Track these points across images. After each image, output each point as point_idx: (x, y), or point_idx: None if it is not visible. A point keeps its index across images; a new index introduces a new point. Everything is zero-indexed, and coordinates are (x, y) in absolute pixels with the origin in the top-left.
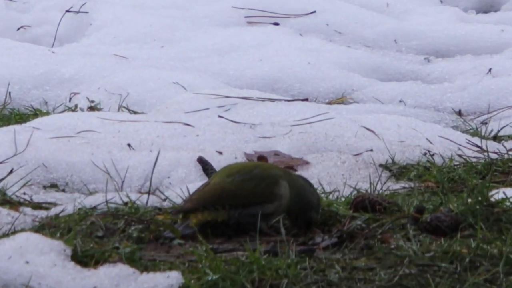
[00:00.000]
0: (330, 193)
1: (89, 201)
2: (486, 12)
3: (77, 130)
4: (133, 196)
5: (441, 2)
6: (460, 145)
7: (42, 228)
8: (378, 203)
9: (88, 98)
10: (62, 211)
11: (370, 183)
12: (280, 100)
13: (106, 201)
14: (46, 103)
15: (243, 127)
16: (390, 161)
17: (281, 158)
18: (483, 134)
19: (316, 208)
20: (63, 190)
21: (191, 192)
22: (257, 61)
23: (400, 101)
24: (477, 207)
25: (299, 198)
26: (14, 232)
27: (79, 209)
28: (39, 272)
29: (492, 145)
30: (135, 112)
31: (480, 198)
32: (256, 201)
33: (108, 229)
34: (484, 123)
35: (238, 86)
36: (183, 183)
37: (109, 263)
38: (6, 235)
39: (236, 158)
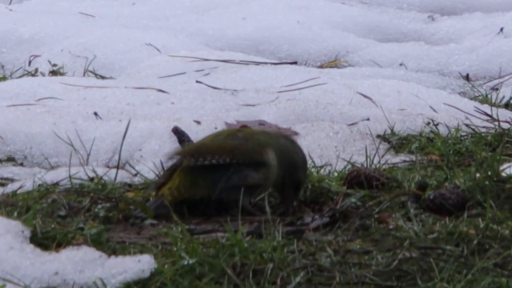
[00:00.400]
0: (321, 167)
1: (51, 177)
2: None
3: (37, 97)
4: (100, 171)
5: None
6: (467, 113)
7: None
8: (375, 179)
9: (50, 61)
10: (20, 187)
11: (367, 156)
12: (265, 63)
13: (70, 177)
14: (2, 66)
15: (224, 94)
16: (389, 131)
17: (266, 128)
18: (493, 101)
19: (303, 167)
20: (21, 164)
21: (165, 166)
22: (239, 19)
23: (400, 65)
24: (486, 182)
25: (285, 160)
26: None
27: (39, 185)
28: None
29: (504, 114)
30: (102, 77)
31: (489, 173)
32: (242, 158)
33: (72, 208)
34: (495, 88)
35: (219, 47)
36: (156, 156)
37: (73, 246)
38: None
39: (216, 128)
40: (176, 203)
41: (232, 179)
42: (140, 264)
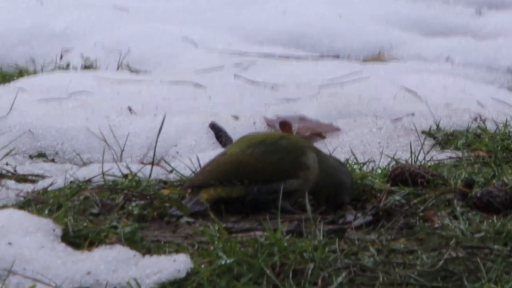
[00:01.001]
0: (364, 164)
1: (83, 173)
2: None
3: (69, 92)
4: (134, 167)
5: None
6: None
7: (27, 204)
8: (420, 176)
9: (82, 55)
10: (51, 184)
11: (411, 152)
12: (306, 57)
13: (103, 173)
14: (33, 61)
15: (263, 88)
16: (434, 127)
17: (307, 123)
18: None
19: (349, 191)
20: (53, 160)
21: (201, 162)
22: (280, 13)
23: (447, 59)
24: None
25: (330, 177)
26: None
27: (71, 182)
28: (23, 255)
29: None
30: (137, 71)
31: None
32: (279, 177)
33: (105, 206)
34: None
35: (258, 41)
36: (192, 152)
37: (106, 245)
38: None
39: (254, 123)
40: (212, 201)
41: (270, 186)
42: (176, 263)
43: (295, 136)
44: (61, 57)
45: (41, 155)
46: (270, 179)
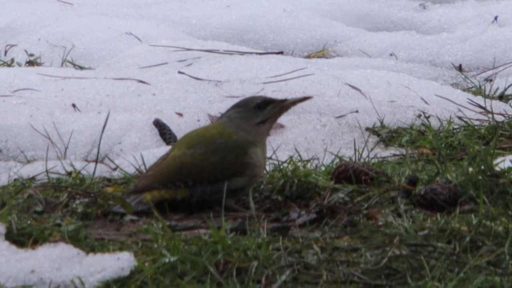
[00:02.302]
0: (308, 161)
1: (27, 171)
2: None
3: (13, 88)
4: (78, 165)
5: None
6: (460, 105)
7: None
8: (364, 173)
9: (26, 51)
10: None
11: (355, 149)
12: (250, 53)
13: (47, 171)
14: None
15: (207, 85)
16: (378, 124)
17: None
18: (487, 92)
19: None
20: None
21: (145, 160)
22: (224, 7)
23: (390, 55)
24: (480, 177)
25: None
26: None
27: (15, 180)
28: None
29: (498, 106)
30: (81, 68)
31: (483, 167)
32: (224, 175)
33: (49, 204)
34: (489, 80)
35: (202, 37)
36: (136, 150)
37: (50, 243)
38: None
39: (198, 120)
40: (156, 202)
41: (215, 186)
42: (120, 262)
43: (231, 131)
44: (5, 53)
45: None
46: (215, 178)
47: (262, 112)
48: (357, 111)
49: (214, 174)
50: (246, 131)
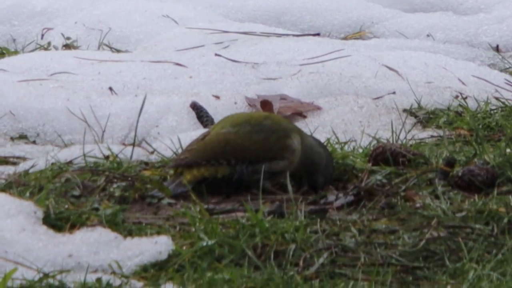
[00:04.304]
0: (345, 143)
1: (64, 155)
2: None
3: (50, 72)
4: (115, 149)
5: None
6: (497, 86)
7: (9, 186)
8: (402, 155)
9: (63, 35)
10: (32, 166)
11: (392, 131)
12: (287, 35)
13: (84, 155)
14: (14, 40)
15: (244, 67)
16: (415, 105)
17: (288, 102)
18: None
19: (323, 172)
20: (34, 142)
21: (182, 143)
22: None
23: (427, 36)
24: None
25: (306, 158)
26: None
27: (52, 164)
28: (5, 238)
29: None
30: (118, 51)
31: None
32: (265, 156)
33: (86, 188)
34: None
35: (239, 19)
36: (173, 133)
37: (87, 227)
38: None
39: (235, 103)
40: (195, 182)
41: (255, 166)
42: (157, 245)
43: (279, 117)
44: (42, 37)
45: (22, 137)
46: (256, 158)
47: None
48: (394, 93)
49: (256, 153)
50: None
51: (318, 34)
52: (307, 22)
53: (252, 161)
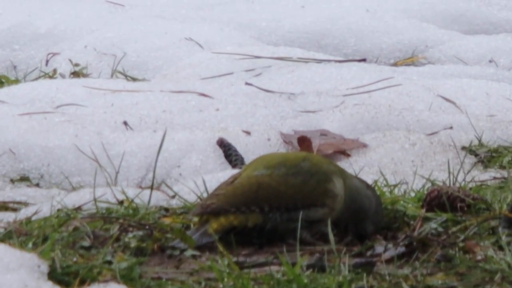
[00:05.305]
0: (395, 186)
1: (72, 200)
2: None
3: (56, 104)
4: (131, 192)
5: None
6: None
7: (8, 236)
8: (460, 199)
9: (71, 60)
10: (35, 213)
11: (449, 172)
12: (328, 61)
13: (95, 199)
14: (14, 67)
15: (279, 98)
16: (475, 142)
17: (329, 139)
18: None
19: (373, 218)
20: (37, 185)
21: (208, 186)
22: (298, 8)
23: (490, 61)
24: None
25: (352, 202)
26: None
27: (59, 210)
28: None
29: None
30: (133, 79)
31: None
32: (303, 203)
33: (97, 237)
34: None
35: (273, 42)
36: (197, 174)
37: (99, 283)
38: None
39: (269, 139)
40: (222, 231)
41: (292, 214)
42: None
43: (318, 157)
44: (46, 63)
45: (24, 179)
46: (293, 205)
47: None
48: (451, 128)
49: (293, 200)
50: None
51: (364, 60)
52: (351, 46)
53: (288, 208)
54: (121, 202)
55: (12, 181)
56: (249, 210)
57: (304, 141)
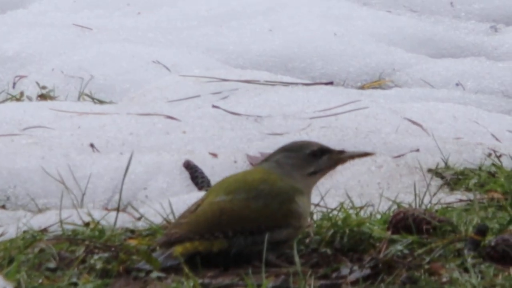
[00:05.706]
0: (361, 208)
1: (38, 221)
2: None
3: (22, 126)
4: (97, 214)
5: None
6: None
7: None
8: (426, 222)
9: (38, 83)
10: (1, 234)
11: (415, 194)
12: (296, 84)
13: (61, 221)
14: None
15: (246, 121)
16: (442, 164)
17: None
18: None
19: None
20: (3, 207)
21: (174, 208)
22: (265, 32)
23: (457, 84)
24: None
25: None
26: None
27: (24, 232)
28: None
29: None
30: (100, 102)
31: None
32: (267, 225)
33: (63, 259)
34: None
35: (240, 65)
36: (164, 196)
37: None
38: None
39: (235, 161)
40: (188, 255)
41: (256, 237)
42: None
43: (275, 176)
44: (13, 85)
45: None
46: (257, 228)
47: (316, 161)
48: (418, 150)
49: (256, 223)
50: (294, 180)
51: (331, 83)
52: (318, 69)
53: (252, 231)
54: (87, 224)
55: None
56: (213, 236)
57: None
